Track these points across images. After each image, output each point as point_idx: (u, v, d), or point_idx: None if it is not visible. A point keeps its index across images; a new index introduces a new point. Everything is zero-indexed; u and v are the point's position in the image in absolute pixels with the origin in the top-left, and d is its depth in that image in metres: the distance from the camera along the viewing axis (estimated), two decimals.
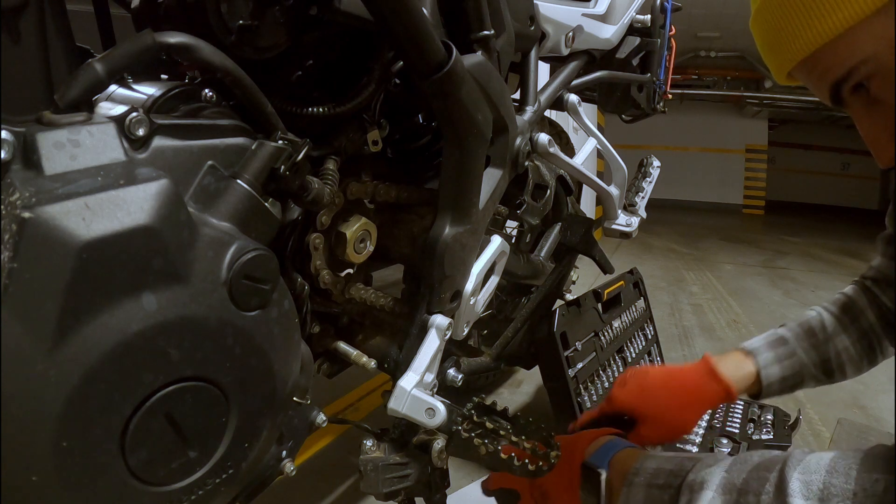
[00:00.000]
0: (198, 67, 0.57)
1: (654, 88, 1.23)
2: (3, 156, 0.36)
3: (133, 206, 0.38)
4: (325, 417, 0.64)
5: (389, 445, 0.72)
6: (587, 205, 3.66)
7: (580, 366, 1.14)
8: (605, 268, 1.17)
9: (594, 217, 2.53)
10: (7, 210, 0.34)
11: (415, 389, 0.62)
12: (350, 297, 0.71)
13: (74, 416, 0.37)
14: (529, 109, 0.84)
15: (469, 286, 0.71)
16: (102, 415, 0.38)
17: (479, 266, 0.72)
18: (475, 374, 1.11)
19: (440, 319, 0.66)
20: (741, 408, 1.29)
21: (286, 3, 0.53)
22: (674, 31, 1.25)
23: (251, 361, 0.47)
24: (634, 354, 1.37)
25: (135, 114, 0.42)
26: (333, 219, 0.65)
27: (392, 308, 0.70)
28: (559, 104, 0.95)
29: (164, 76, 0.58)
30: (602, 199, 1.16)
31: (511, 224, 1.10)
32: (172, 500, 0.44)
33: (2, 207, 0.34)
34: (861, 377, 0.81)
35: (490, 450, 0.65)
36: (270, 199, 0.51)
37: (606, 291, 1.30)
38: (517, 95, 0.86)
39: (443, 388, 0.75)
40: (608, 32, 1.04)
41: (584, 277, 1.59)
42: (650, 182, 1.31)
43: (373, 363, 0.69)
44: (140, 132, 0.43)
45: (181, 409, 0.42)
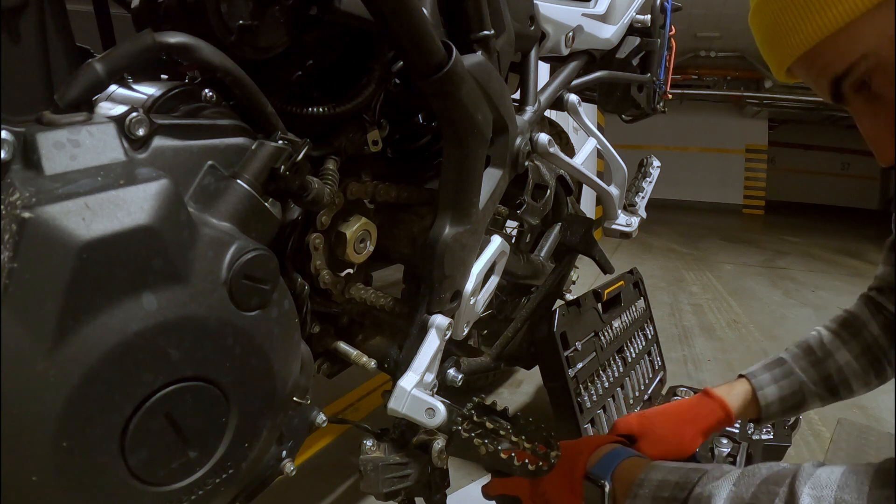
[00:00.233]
0: (198, 67, 0.57)
1: (654, 88, 1.23)
2: (3, 156, 0.36)
3: (133, 206, 0.38)
4: (325, 417, 0.64)
5: (389, 445, 0.72)
6: (587, 205, 3.66)
7: (580, 366, 1.14)
8: (605, 268, 1.17)
9: (594, 217, 2.53)
10: (7, 210, 0.34)
11: (415, 389, 0.62)
12: (350, 297, 0.71)
13: (74, 416, 0.37)
14: (529, 109, 0.84)
15: (469, 286, 0.71)
16: (102, 415, 0.38)
17: (479, 266, 0.72)
18: (475, 374, 1.11)
19: (440, 319, 0.66)
20: None
21: (286, 3, 0.53)
22: (674, 31, 1.25)
23: (251, 361, 0.47)
24: (634, 354, 1.37)
25: (135, 114, 0.42)
26: (333, 219, 0.65)
27: (392, 308, 0.70)
28: (559, 104, 0.95)
29: (164, 76, 0.59)
30: (602, 199, 1.16)
31: (511, 224, 1.11)
32: (172, 500, 0.44)
33: (2, 207, 0.34)
34: None
35: (490, 450, 0.65)
36: (270, 199, 0.51)
37: (606, 291, 1.30)
38: (517, 95, 0.86)
39: (443, 388, 0.75)
40: (608, 32, 1.04)
41: (584, 277, 1.59)
42: (650, 182, 1.31)
43: (373, 363, 0.69)
44: (140, 132, 0.43)
45: (181, 409, 0.42)
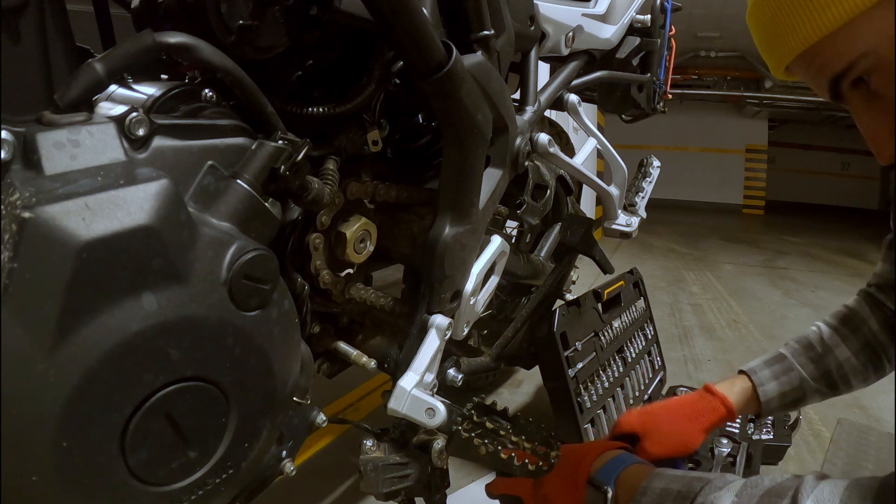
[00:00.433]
0: (198, 67, 0.57)
1: (654, 88, 1.23)
2: (3, 156, 0.36)
3: (133, 206, 0.38)
4: (325, 417, 0.64)
5: (389, 445, 0.72)
6: (587, 205, 3.66)
7: (580, 366, 1.14)
8: (605, 268, 1.17)
9: (594, 217, 2.53)
10: (7, 210, 0.34)
11: (415, 389, 0.62)
12: (350, 297, 0.71)
13: (74, 416, 0.37)
14: (529, 109, 0.84)
15: (469, 286, 0.71)
16: (102, 415, 0.38)
17: (479, 266, 0.72)
18: (475, 374, 1.11)
19: (440, 319, 0.66)
20: None
21: (286, 3, 0.53)
22: (674, 31, 1.25)
23: (251, 361, 0.47)
24: (634, 354, 1.37)
25: (135, 114, 0.42)
26: (333, 219, 0.65)
27: (392, 308, 0.70)
28: (559, 104, 0.95)
29: (164, 76, 0.58)
30: (602, 199, 1.16)
31: (511, 224, 1.10)
32: (172, 500, 0.44)
33: (2, 207, 0.34)
34: None
35: (490, 450, 0.65)
36: (270, 199, 0.51)
37: (606, 291, 1.30)
38: (517, 95, 0.86)
39: (443, 388, 0.75)
40: (608, 32, 1.04)
41: (584, 277, 1.59)
42: (650, 182, 1.31)
43: (373, 363, 0.69)
44: (140, 132, 0.43)
45: (181, 409, 0.42)
